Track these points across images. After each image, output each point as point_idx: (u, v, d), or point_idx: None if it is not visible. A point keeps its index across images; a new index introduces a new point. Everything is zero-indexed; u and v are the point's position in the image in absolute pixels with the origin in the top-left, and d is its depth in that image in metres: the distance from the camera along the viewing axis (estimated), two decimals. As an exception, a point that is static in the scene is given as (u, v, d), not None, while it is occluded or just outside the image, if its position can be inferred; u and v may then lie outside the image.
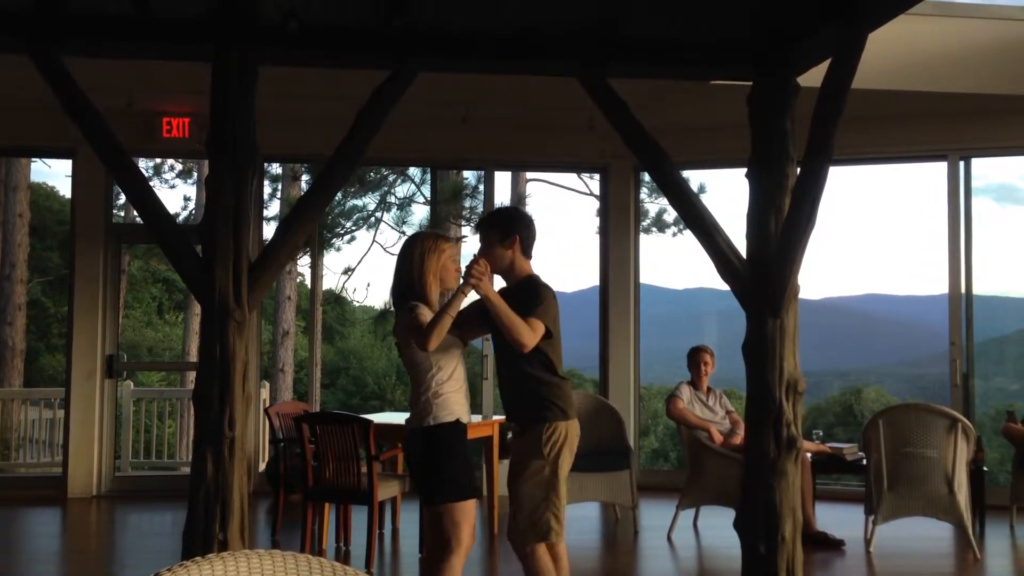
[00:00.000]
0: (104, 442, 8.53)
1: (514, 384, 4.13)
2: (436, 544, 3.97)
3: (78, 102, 4.23)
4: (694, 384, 7.18)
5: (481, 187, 10.72)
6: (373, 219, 15.90)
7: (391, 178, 15.24)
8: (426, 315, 3.92)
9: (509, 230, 4.14)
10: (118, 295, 9.12)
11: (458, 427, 3.97)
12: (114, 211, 9.46)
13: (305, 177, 14.92)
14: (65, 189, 19.60)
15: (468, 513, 3.92)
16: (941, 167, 8.48)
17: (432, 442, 3.93)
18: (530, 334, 3.92)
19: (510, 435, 4.28)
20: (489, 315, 3.98)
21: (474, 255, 4.00)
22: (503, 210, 4.57)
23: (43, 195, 19.63)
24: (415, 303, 3.97)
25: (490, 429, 7.03)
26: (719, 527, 6.71)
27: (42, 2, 4.14)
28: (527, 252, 4.19)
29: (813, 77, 4.29)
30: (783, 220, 4.27)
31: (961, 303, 8.33)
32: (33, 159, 14.47)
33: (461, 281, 3.95)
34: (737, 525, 4.38)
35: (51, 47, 4.23)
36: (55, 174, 24.58)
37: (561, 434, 4.00)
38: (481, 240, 4.20)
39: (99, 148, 4.27)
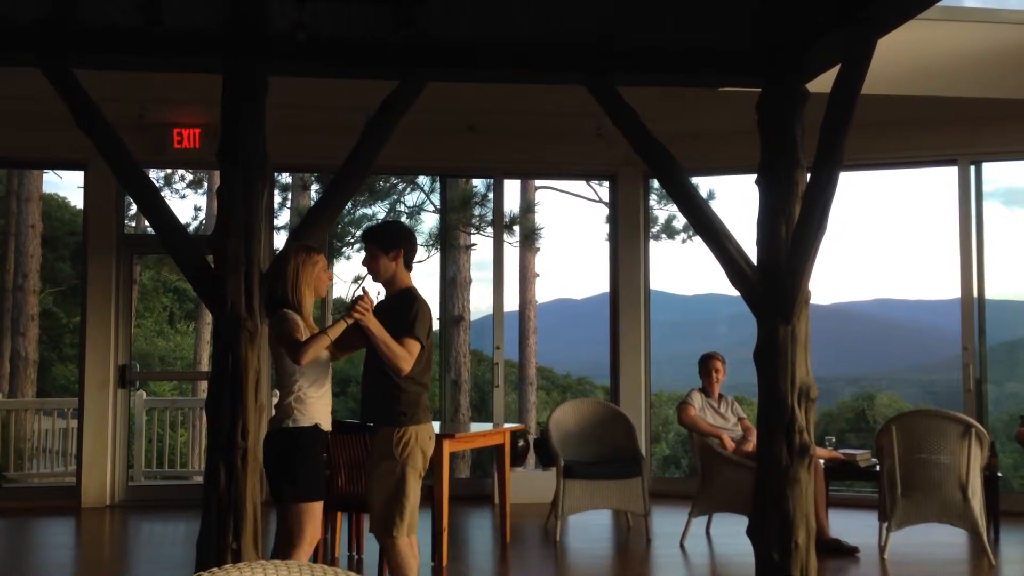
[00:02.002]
0: (117, 452, 8.56)
1: (375, 388, 4.35)
2: (281, 540, 4.19)
3: (90, 114, 4.26)
4: (706, 391, 7.16)
5: (490, 195, 10.75)
6: (383, 228, 15.93)
7: (400, 187, 15.29)
8: (298, 323, 4.17)
9: (394, 244, 4.40)
10: (130, 305, 9.16)
11: (316, 432, 4.22)
12: (126, 221, 9.51)
13: (315, 186, 14.98)
14: (77, 200, 19.71)
15: (314, 514, 4.20)
16: (952, 172, 8.46)
17: (289, 444, 4.17)
18: (407, 359, 4.20)
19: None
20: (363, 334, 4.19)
21: (361, 288, 4.31)
22: (389, 224, 4.93)
23: (55, 206, 19.73)
24: (287, 311, 4.20)
25: (501, 437, 7.03)
26: (732, 534, 6.69)
27: (54, 15, 4.17)
28: (408, 265, 4.46)
29: (822, 83, 4.28)
30: (793, 226, 4.26)
31: (973, 307, 8.30)
32: (45, 171, 14.56)
33: (346, 313, 4.14)
34: (750, 532, 4.37)
35: (62, 60, 4.26)
36: (67, 185, 24.71)
37: (411, 437, 4.24)
38: (366, 251, 4.45)
39: (111, 159, 4.30)
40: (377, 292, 4.39)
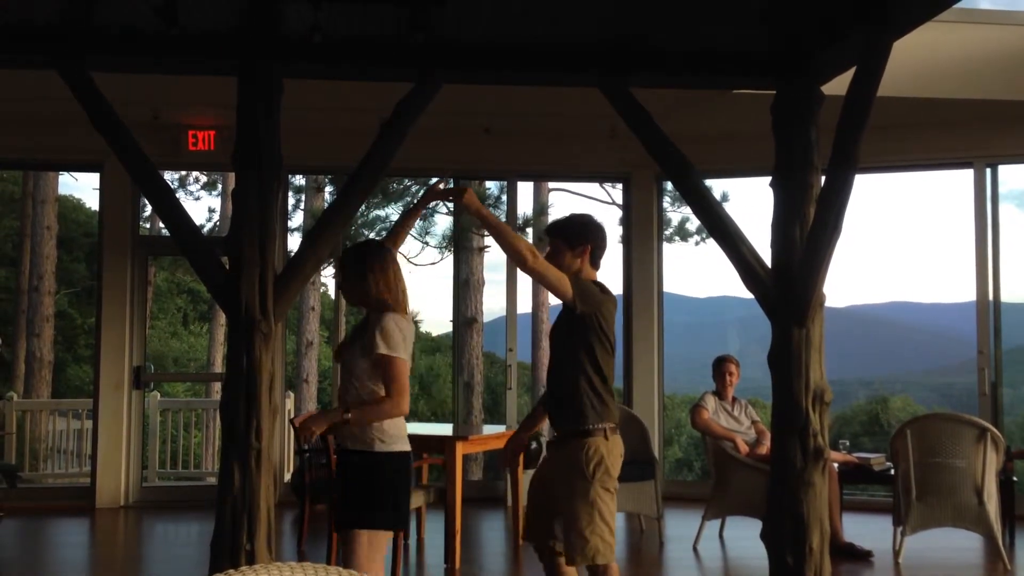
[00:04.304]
0: (132, 452, 8.59)
1: (561, 392, 3.98)
2: None
3: (106, 115, 4.28)
4: (719, 394, 7.14)
5: (504, 197, 10.75)
6: (396, 229, 15.96)
7: (414, 188, 15.31)
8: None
9: (582, 239, 3.99)
10: (145, 306, 9.20)
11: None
12: (140, 223, 9.56)
13: (328, 188, 15.01)
14: (92, 201, 19.84)
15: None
16: (967, 174, 8.42)
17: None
18: (529, 250, 3.73)
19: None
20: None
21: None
22: (577, 217, 4.19)
23: (70, 207, 19.85)
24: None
25: (514, 439, 7.02)
26: (745, 538, 6.67)
27: (70, 17, 4.20)
28: (595, 263, 4.06)
29: (838, 85, 4.27)
30: (808, 229, 4.25)
31: (989, 311, 8.25)
32: (61, 172, 14.64)
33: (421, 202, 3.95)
34: (764, 536, 4.35)
35: (79, 61, 4.28)
36: (82, 187, 24.93)
37: (603, 453, 3.87)
38: (550, 245, 4.05)
39: (126, 161, 4.32)
40: None
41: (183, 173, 17.05)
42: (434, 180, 3.83)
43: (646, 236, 9.19)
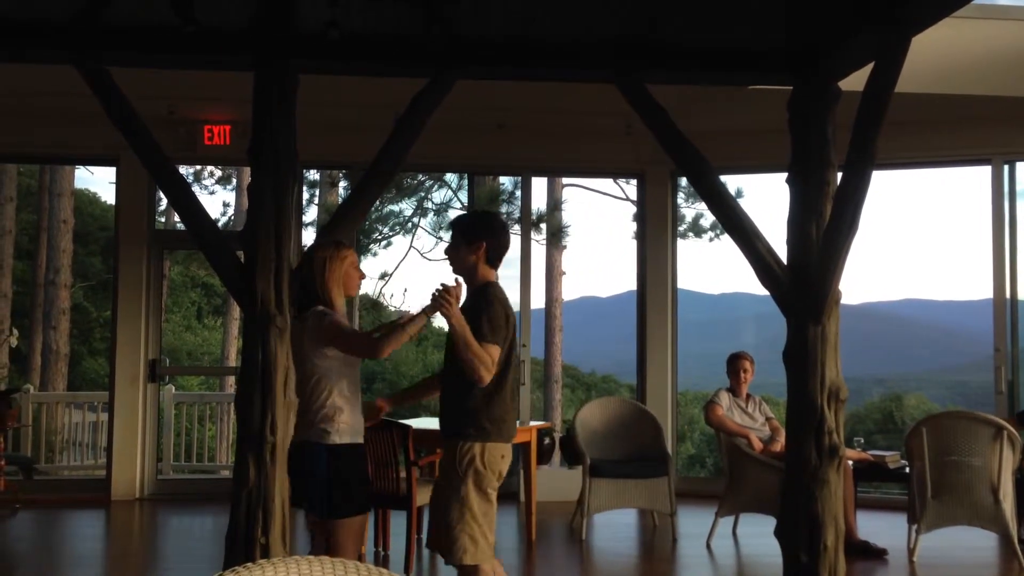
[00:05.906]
0: (147, 445, 8.64)
1: (448, 395, 4.06)
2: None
3: (122, 110, 4.29)
4: (733, 391, 7.13)
5: (518, 193, 10.74)
6: (410, 225, 16.00)
7: (428, 184, 15.33)
8: (342, 321, 4.12)
9: (476, 236, 4.05)
10: (160, 300, 9.24)
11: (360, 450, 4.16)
12: (156, 217, 9.60)
13: (343, 183, 15.05)
14: (107, 195, 19.94)
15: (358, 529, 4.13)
16: (985, 171, 8.36)
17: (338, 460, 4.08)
18: (488, 368, 3.84)
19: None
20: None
21: (454, 280, 3.97)
22: (476, 215, 4.45)
23: (86, 201, 19.96)
24: (323, 308, 4.13)
25: (528, 435, 7.03)
26: (759, 535, 6.66)
27: (87, 13, 4.21)
28: (492, 262, 4.09)
29: (855, 81, 4.25)
30: (824, 226, 4.23)
31: (1006, 308, 8.21)
32: (77, 166, 14.72)
33: (429, 303, 3.86)
34: (778, 533, 4.34)
35: (95, 57, 4.30)
36: (98, 180, 25.19)
37: (476, 455, 3.88)
38: (450, 239, 4.18)
39: (142, 155, 4.33)
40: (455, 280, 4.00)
41: (198, 168, 17.10)
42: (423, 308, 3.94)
43: (660, 232, 9.17)
